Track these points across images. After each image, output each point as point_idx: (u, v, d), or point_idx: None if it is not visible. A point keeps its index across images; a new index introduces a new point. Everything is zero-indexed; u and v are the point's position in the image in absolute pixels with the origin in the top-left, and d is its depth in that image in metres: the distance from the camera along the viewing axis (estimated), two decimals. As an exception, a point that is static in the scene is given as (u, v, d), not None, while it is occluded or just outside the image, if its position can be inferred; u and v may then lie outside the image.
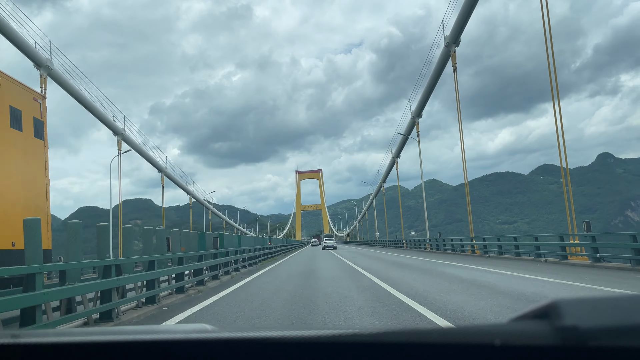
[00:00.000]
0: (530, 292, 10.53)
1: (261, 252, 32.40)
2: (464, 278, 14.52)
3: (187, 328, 1.95)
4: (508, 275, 14.88)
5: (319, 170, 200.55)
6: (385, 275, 16.68)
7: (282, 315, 9.20)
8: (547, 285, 12.01)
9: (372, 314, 8.71)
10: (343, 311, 9.11)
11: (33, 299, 7.03)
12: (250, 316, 9.20)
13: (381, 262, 25.52)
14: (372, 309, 9.20)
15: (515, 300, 9.50)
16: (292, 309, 9.80)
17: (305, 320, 8.57)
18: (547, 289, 11.21)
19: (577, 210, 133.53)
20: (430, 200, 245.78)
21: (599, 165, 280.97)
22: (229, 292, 13.72)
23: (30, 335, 0.90)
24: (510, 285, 12.22)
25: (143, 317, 10.31)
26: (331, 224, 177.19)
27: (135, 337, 0.87)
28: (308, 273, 19.51)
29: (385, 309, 9.20)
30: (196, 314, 9.90)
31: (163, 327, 6.03)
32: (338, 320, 8.31)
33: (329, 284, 14.39)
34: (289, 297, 11.64)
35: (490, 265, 20.03)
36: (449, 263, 22.48)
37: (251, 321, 8.75)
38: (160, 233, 14.04)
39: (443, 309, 8.82)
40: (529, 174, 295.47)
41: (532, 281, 12.89)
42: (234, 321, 8.88)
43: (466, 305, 9.15)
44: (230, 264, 20.77)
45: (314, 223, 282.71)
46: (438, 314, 8.32)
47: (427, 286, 12.65)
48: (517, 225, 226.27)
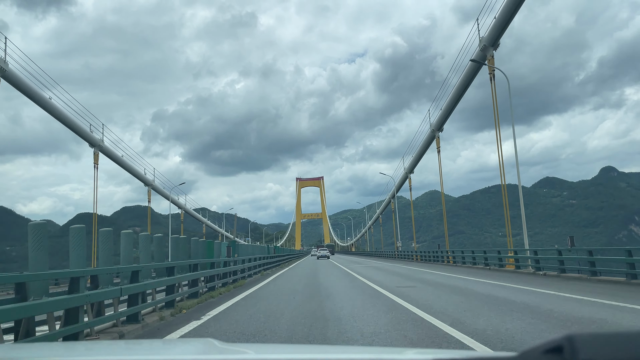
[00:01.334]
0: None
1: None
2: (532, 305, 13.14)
3: (192, 343, 1.97)
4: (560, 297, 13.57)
5: (320, 178, 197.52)
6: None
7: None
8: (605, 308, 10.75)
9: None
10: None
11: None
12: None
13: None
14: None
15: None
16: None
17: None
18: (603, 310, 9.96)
19: (580, 224, 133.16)
20: (432, 212, 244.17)
21: (602, 179, 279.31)
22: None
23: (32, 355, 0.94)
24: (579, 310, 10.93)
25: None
26: (332, 233, 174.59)
27: (139, 357, 0.88)
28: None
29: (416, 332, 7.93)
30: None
31: (168, 342, 4.63)
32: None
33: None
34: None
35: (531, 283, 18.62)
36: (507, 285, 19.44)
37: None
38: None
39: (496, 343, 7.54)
40: (531, 187, 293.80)
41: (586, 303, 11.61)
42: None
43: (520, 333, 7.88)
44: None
45: (314, 233, 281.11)
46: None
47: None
48: (519, 238, 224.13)
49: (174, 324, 9.99)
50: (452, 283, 18.10)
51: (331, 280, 21.61)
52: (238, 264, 21.42)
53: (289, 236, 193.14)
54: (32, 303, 7.22)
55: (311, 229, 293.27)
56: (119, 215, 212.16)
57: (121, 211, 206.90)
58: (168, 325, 9.92)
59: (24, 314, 6.81)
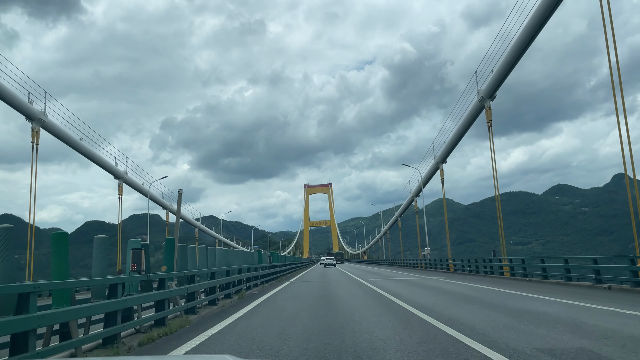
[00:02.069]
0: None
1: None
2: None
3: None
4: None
5: (328, 185, 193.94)
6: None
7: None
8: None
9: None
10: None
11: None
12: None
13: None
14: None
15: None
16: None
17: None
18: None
19: (593, 232, 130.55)
20: (441, 220, 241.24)
21: (615, 186, 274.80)
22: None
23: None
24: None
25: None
26: (342, 240, 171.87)
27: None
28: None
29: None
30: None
31: (186, 358, 4.47)
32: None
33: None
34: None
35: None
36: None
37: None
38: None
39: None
40: (542, 194, 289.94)
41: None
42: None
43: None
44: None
45: (322, 241, 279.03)
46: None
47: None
48: (531, 246, 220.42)
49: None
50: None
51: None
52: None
53: (297, 244, 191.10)
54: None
55: (319, 237, 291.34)
56: (126, 223, 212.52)
57: (129, 219, 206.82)
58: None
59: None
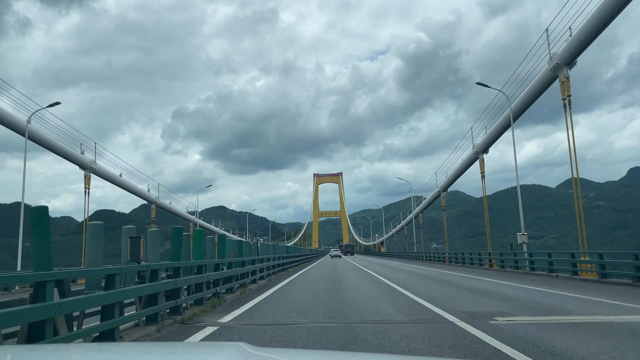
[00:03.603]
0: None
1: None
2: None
3: (221, 348, 1.89)
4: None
5: (338, 174, 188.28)
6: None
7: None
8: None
9: None
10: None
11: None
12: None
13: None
14: None
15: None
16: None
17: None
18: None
19: (608, 227, 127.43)
20: (453, 212, 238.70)
21: (630, 179, 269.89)
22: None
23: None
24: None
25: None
26: (353, 231, 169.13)
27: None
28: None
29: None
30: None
31: (194, 346, 4.34)
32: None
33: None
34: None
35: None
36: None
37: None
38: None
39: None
40: (556, 187, 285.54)
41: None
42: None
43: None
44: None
45: (332, 232, 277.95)
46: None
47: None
48: (544, 240, 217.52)
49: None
50: None
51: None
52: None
53: (306, 235, 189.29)
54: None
55: (329, 228, 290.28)
56: (137, 212, 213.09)
57: (139, 208, 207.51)
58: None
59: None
